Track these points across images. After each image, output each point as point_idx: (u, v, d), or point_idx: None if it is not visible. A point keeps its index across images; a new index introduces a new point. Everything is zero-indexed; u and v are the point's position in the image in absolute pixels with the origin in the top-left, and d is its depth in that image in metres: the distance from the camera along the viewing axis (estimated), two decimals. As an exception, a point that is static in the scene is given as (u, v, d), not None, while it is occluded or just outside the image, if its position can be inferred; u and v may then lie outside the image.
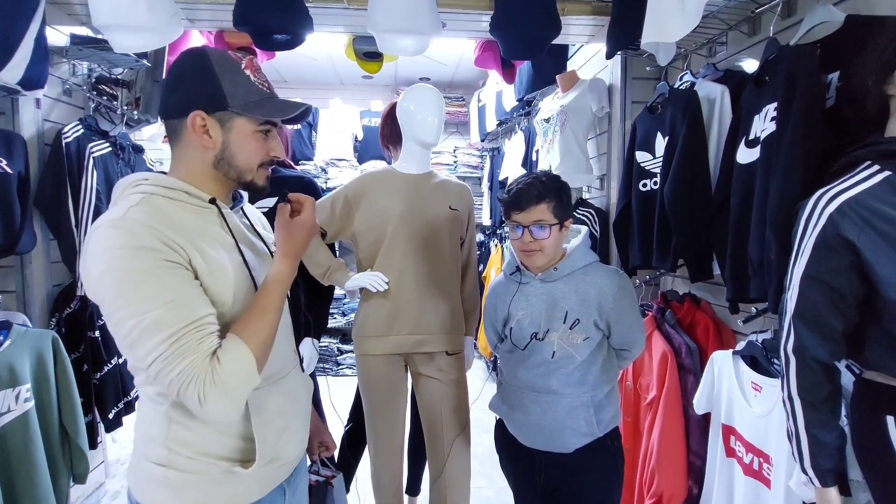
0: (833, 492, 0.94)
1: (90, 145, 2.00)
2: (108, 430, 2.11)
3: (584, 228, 1.32)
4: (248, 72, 0.83)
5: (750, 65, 1.54)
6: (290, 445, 0.89)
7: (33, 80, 1.66)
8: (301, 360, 0.97)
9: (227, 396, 0.72)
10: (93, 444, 1.93)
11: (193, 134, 0.80)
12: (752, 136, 1.27)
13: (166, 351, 0.70)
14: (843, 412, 0.97)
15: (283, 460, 0.88)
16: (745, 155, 1.29)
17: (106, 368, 2.05)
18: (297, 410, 0.92)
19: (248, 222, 0.94)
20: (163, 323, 0.70)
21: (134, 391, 2.25)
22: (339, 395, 1.21)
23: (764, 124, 1.21)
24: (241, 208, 0.94)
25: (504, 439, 1.33)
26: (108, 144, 2.10)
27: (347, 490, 1.33)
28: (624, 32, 1.72)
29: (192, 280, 0.75)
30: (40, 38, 1.66)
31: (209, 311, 0.75)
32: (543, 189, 1.18)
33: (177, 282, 0.73)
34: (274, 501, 0.87)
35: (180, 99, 0.81)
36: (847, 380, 1.00)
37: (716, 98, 1.49)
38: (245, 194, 0.95)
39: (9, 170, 1.71)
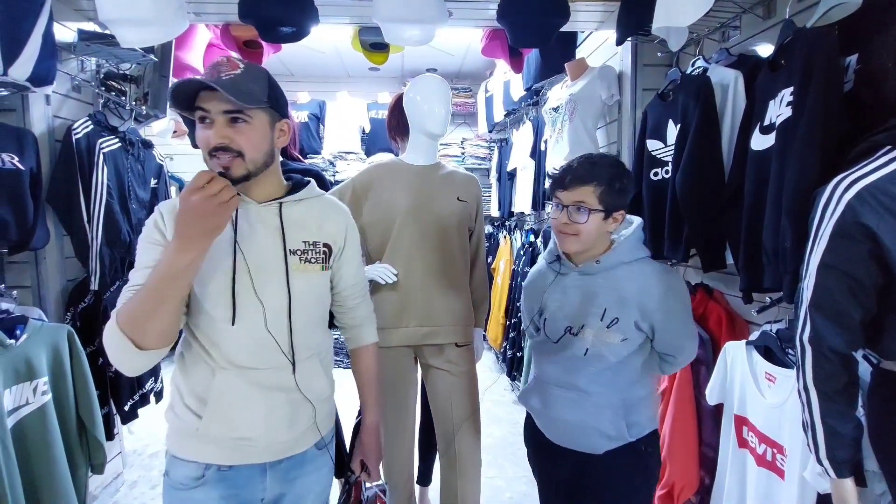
0: (849, 483, 0.92)
1: (100, 141, 2.02)
2: (125, 421, 2.15)
3: (637, 220, 1.21)
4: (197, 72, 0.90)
5: (764, 49, 1.50)
6: (254, 431, 0.94)
7: (42, 76, 1.67)
8: (294, 363, 0.97)
9: (106, 349, 0.85)
10: (109, 436, 1.96)
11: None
12: (766, 122, 1.24)
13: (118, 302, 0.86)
14: (860, 402, 0.96)
15: (251, 441, 0.94)
16: (760, 141, 1.26)
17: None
18: (265, 403, 0.95)
19: (278, 221, 0.97)
20: (129, 280, 0.88)
21: (149, 383, 2.29)
22: (349, 387, 1.22)
23: (779, 109, 1.18)
24: (280, 205, 0.98)
25: (532, 433, 1.29)
26: (117, 140, 2.11)
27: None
28: (634, 18, 1.69)
29: (159, 256, 0.86)
30: (48, 35, 1.66)
31: None
32: (593, 170, 1.10)
33: (146, 255, 0.88)
34: (245, 476, 0.96)
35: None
36: (864, 370, 0.99)
37: (729, 84, 1.46)
38: (301, 191, 1.02)
39: (21, 166, 1.73)
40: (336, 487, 1.17)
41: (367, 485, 1.18)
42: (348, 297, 1.13)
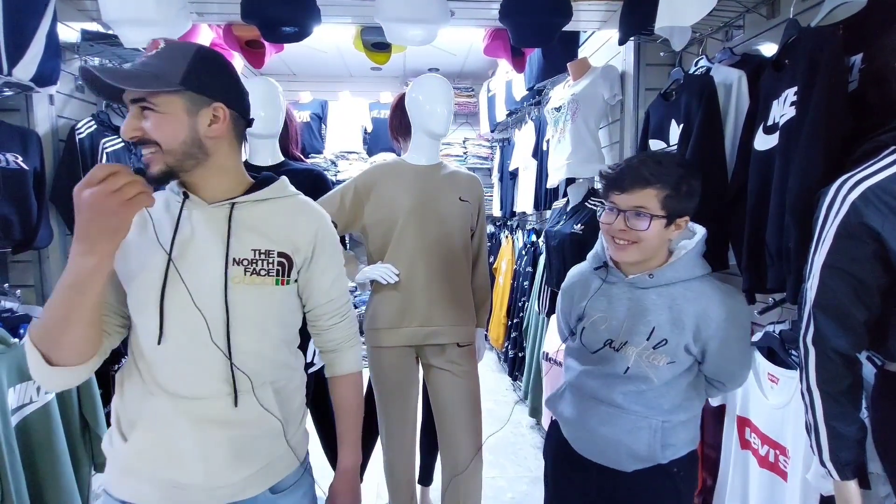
0: (852, 485, 0.92)
1: (103, 141, 2.03)
2: (127, 420, 2.16)
3: (700, 230, 1.08)
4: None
5: (768, 48, 1.49)
6: (182, 470, 0.81)
7: (46, 76, 1.68)
8: (236, 393, 0.83)
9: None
10: (112, 435, 1.97)
11: None
12: (770, 122, 1.23)
13: None
14: (864, 404, 0.95)
15: (177, 483, 0.80)
16: (764, 141, 1.26)
17: (124, 360, 2.07)
18: (203, 439, 0.81)
19: (225, 226, 0.85)
20: None
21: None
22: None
23: (783, 109, 1.17)
24: (232, 205, 0.86)
25: (557, 442, 1.19)
26: (120, 140, 2.12)
27: (361, 480, 1.34)
28: (637, 17, 1.68)
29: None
30: (52, 35, 1.67)
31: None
32: (658, 171, 0.97)
33: None
34: None
35: None
36: (868, 371, 0.98)
37: (732, 83, 1.45)
38: (261, 191, 0.90)
39: (24, 166, 1.74)
40: None
41: None
42: (321, 317, 0.97)
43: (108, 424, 1.79)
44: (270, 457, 0.87)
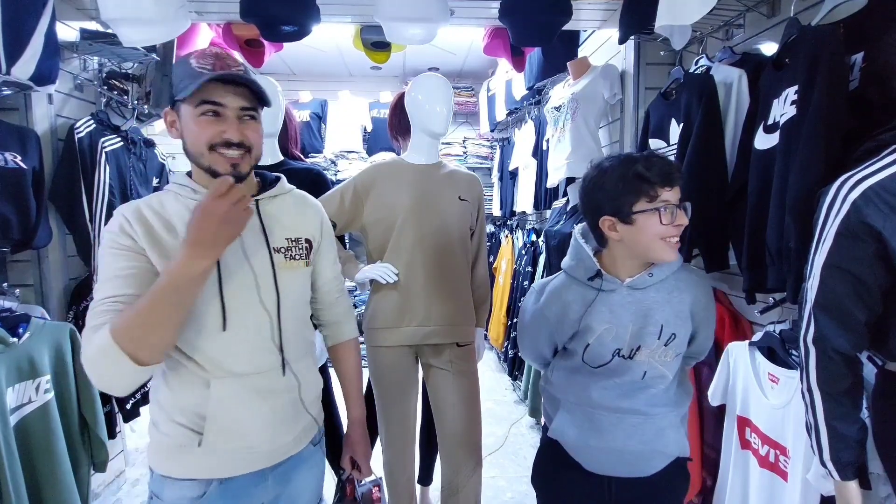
0: (853, 485, 0.92)
1: (102, 140, 2.02)
2: (126, 419, 2.16)
3: None
4: (192, 60, 0.86)
5: (769, 48, 1.49)
6: (256, 438, 0.92)
7: (45, 75, 1.67)
8: (284, 364, 0.95)
9: (90, 369, 0.79)
10: (111, 434, 1.97)
11: (168, 131, 0.91)
12: (770, 121, 1.23)
13: (87, 315, 0.81)
14: (864, 404, 0.95)
15: (252, 449, 0.92)
16: (764, 141, 1.25)
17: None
18: (264, 407, 0.92)
19: (258, 220, 0.94)
20: (96, 295, 0.82)
21: (150, 381, 2.29)
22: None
23: (784, 108, 1.17)
24: (257, 203, 0.95)
25: (558, 463, 1.13)
26: (119, 139, 2.11)
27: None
28: (637, 16, 1.68)
29: (134, 263, 0.83)
30: (50, 34, 1.67)
31: (129, 291, 0.81)
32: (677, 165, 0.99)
33: (116, 263, 0.83)
34: (247, 484, 0.93)
35: (158, 94, 0.90)
36: (869, 371, 0.98)
37: (733, 82, 1.45)
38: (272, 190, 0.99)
39: (23, 165, 1.73)
40: (330, 482, 1.17)
41: (362, 481, 1.18)
42: (329, 293, 1.12)
43: (107, 424, 1.80)
44: (308, 416, 1.02)
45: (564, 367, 1.12)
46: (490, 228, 4.44)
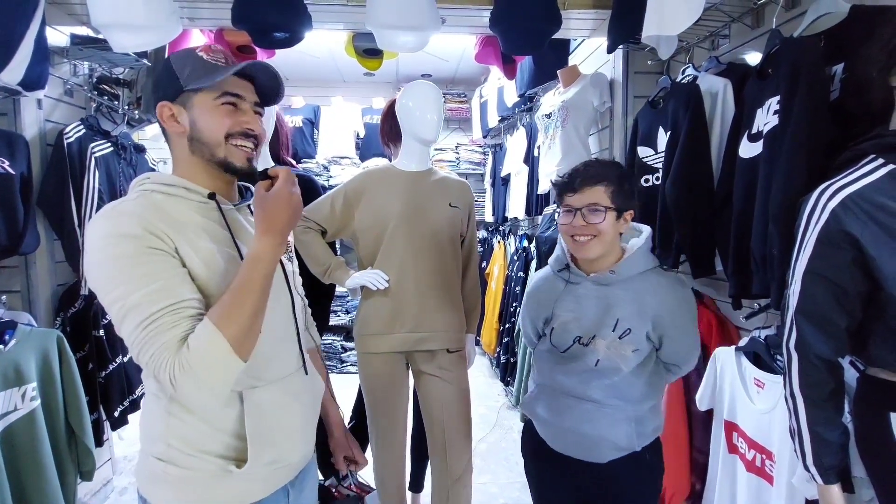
0: (836, 489, 0.93)
1: (92, 145, 2.01)
2: (114, 427, 2.13)
3: (646, 228, 1.20)
4: (201, 53, 0.84)
5: (753, 57, 1.52)
6: (291, 447, 0.88)
7: (34, 80, 1.67)
8: (304, 361, 0.95)
9: (198, 382, 0.71)
10: (99, 442, 1.95)
11: (166, 125, 0.84)
12: (754, 130, 1.25)
13: (141, 333, 0.71)
14: (847, 409, 0.97)
15: (284, 462, 0.87)
16: (748, 149, 1.27)
17: (111, 367, 2.06)
18: (299, 412, 0.90)
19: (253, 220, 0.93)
20: (141, 306, 0.71)
21: (139, 389, 2.27)
22: (343, 392, 1.22)
23: (767, 118, 1.19)
24: (249, 206, 0.92)
25: (533, 442, 1.24)
26: (109, 144, 2.10)
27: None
28: (625, 26, 1.70)
29: (176, 266, 0.76)
30: (40, 39, 1.66)
31: (191, 295, 0.74)
32: (602, 171, 1.10)
33: (158, 267, 0.74)
34: (277, 503, 0.88)
35: (148, 99, 0.86)
36: (850, 376, 0.99)
37: (718, 92, 1.48)
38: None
39: (11, 170, 1.72)
40: None
41: (347, 490, 1.15)
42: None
43: (95, 432, 1.78)
44: (318, 417, 1.00)
45: (541, 349, 1.23)
46: (482, 234, 4.46)
